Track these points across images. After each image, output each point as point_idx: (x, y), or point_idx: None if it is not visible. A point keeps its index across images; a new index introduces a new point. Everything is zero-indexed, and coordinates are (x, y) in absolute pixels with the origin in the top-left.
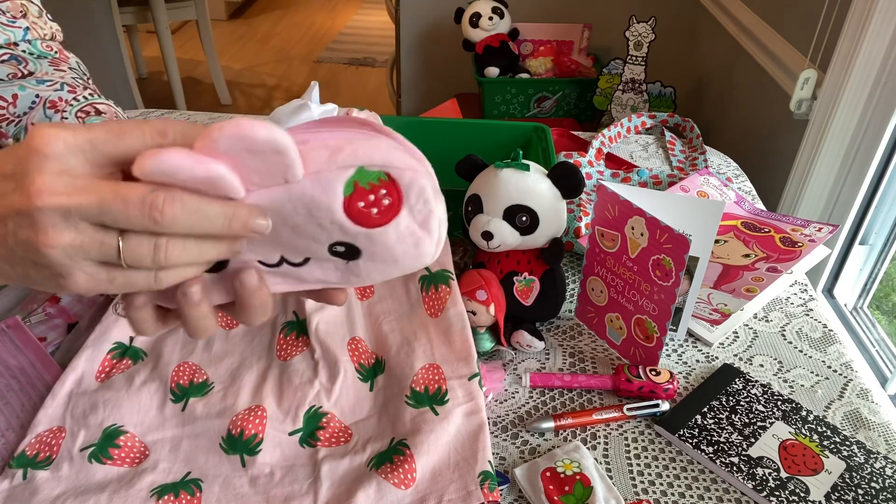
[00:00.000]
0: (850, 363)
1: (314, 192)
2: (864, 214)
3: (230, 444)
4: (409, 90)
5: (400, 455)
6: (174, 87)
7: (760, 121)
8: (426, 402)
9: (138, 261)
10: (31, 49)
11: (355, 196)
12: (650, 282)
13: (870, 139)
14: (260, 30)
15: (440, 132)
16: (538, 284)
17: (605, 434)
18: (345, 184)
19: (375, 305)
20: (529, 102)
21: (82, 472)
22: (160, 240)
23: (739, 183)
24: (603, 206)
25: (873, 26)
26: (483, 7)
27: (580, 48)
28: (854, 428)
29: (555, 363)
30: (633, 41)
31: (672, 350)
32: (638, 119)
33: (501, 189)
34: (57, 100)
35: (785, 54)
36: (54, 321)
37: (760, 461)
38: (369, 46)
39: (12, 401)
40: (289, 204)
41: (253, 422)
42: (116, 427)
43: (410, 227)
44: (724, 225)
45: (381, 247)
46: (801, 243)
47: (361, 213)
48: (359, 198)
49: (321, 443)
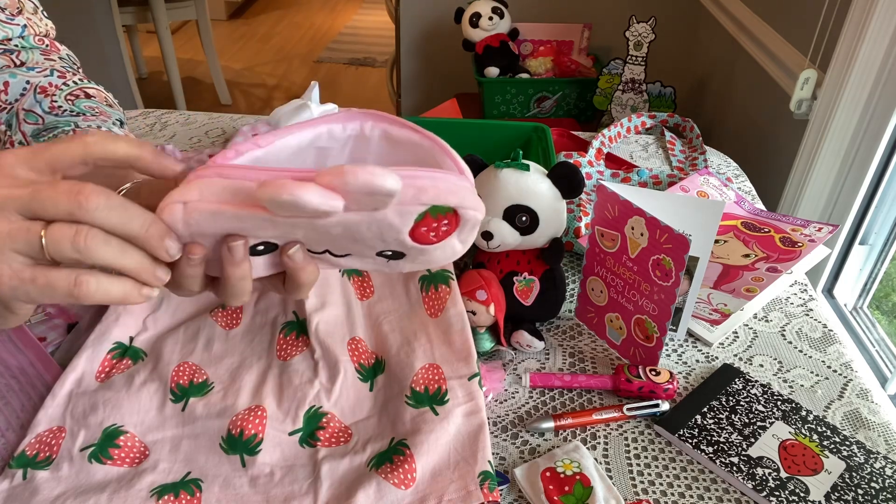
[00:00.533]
0: (850, 363)
1: (393, 220)
2: (864, 214)
3: (230, 444)
4: (409, 90)
5: (400, 455)
6: (174, 87)
7: (760, 121)
8: (426, 402)
9: (58, 247)
10: (23, 43)
11: (423, 223)
12: (650, 282)
13: (870, 139)
14: (260, 30)
15: (440, 132)
16: (538, 284)
17: (605, 434)
18: (418, 214)
19: (375, 305)
20: (529, 102)
21: (82, 473)
22: (81, 226)
23: (739, 183)
24: (603, 206)
25: (873, 26)
26: (483, 7)
27: (580, 48)
28: (854, 428)
29: (555, 363)
30: (633, 41)
31: (672, 350)
32: (638, 119)
33: (501, 189)
34: (47, 85)
35: (785, 54)
36: (54, 321)
37: (760, 461)
38: (369, 46)
39: (12, 401)
40: (365, 223)
41: (253, 422)
42: (116, 427)
43: (455, 246)
44: (724, 225)
45: (426, 256)
46: (801, 243)
47: (423, 236)
48: (425, 225)
49: (321, 443)
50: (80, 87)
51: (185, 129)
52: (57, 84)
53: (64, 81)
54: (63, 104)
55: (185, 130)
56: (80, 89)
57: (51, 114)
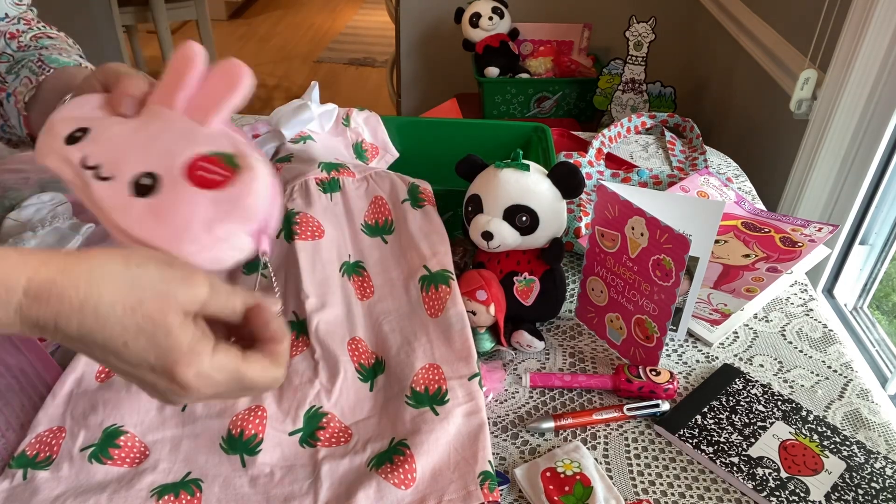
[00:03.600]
0: (850, 363)
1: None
2: (864, 214)
3: (230, 444)
4: (409, 90)
5: (400, 455)
6: None
7: (760, 121)
8: (426, 402)
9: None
10: None
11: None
12: (650, 282)
13: (870, 139)
14: (260, 30)
15: (440, 132)
16: (538, 284)
17: (605, 434)
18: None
19: (375, 305)
20: (529, 102)
21: (82, 473)
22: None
23: (739, 183)
24: (603, 206)
25: (873, 26)
26: (483, 7)
27: (580, 48)
28: (854, 428)
29: (555, 363)
30: (633, 41)
31: (672, 350)
32: (638, 119)
33: (501, 189)
34: (15, 31)
35: (785, 54)
36: None
37: (760, 461)
38: (369, 46)
39: (12, 401)
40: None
41: (253, 422)
42: (116, 427)
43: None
44: (724, 225)
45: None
46: (801, 243)
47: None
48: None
49: (321, 443)
50: (43, 31)
51: None
52: (22, 30)
53: (29, 27)
54: (29, 42)
55: None
56: (44, 33)
57: (18, 52)
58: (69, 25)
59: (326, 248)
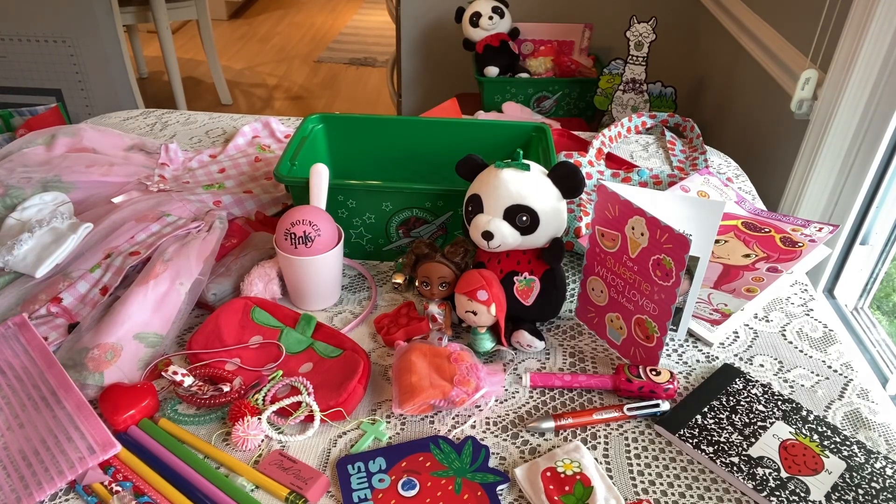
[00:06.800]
0: (851, 363)
1: None
2: (865, 214)
3: None
4: (410, 90)
5: None
6: (175, 86)
7: (761, 121)
8: None
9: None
10: None
11: None
12: (650, 282)
13: (871, 139)
14: (260, 30)
15: (440, 132)
16: (538, 284)
17: (605, 434)
18: None
19: None
20: (529, 102)
21: None
22: None
23: (740, 183)
24: (603, 206)
25: (874, 26)
26: (483, 6)
27: (581, 48)
28: (854, 428)
29: (555, 363)
30: (633, 41)
31: (672, 350)
32: (638, 119)
33: (501, 189)
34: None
35: (786, 54)
36: (56, 321)
37: (761, 461)
38: (369, 46)
39: (13, 401)
40: None
41: None
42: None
43: None
44: (725, 225)
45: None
46: (802, 243)
47: None
48: None
49: None
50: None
51: (185, 128)
52: None
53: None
54: None
55: (186, 130)
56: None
57: None
58: (70, 25)
59: None
